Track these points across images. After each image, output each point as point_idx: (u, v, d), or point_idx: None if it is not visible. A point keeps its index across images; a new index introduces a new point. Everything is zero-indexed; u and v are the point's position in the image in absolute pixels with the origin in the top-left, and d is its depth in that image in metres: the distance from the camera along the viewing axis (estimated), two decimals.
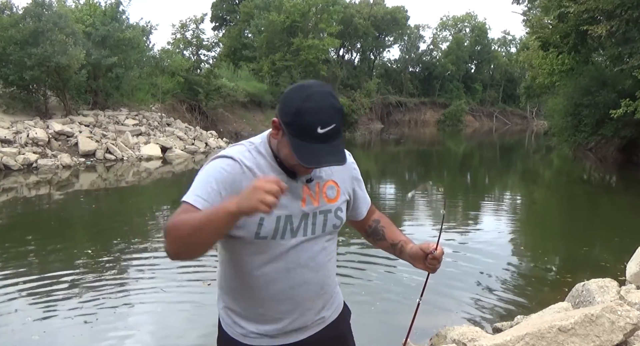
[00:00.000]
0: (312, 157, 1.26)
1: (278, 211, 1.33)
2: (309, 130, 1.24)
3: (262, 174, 1.33)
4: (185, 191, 1.34)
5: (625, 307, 2.61)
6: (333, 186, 1.46)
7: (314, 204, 1.41)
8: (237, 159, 1.34)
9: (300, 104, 1.25)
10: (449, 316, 4.11)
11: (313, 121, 1.24)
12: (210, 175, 1.33)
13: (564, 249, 6.57)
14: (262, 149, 1.38)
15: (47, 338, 3.69)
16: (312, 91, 1.26)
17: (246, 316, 1.45)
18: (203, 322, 4.08)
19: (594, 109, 15.73)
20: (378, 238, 1.63)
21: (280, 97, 1.33)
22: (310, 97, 1.25)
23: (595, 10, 12.79)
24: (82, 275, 5.05)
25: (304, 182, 1.40)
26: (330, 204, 1.44)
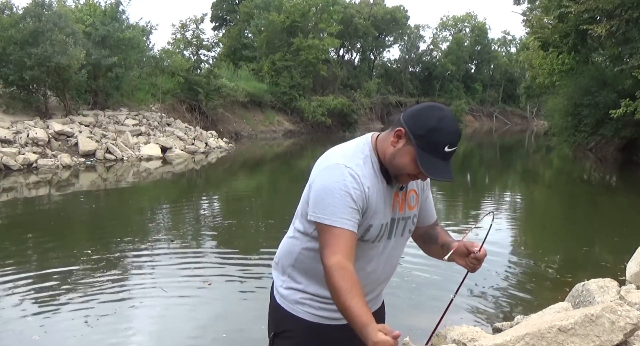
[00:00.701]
0: (435, 170, 1.40)
1: (382, 220, 1.50)
2: (438, 147, 1.39)
3: (371, 188, 1.46)
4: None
5: (625, 307, 2.61)
6: (414, 195, 1.61)
7: (400, 211, 1.56)
8: (359, 176, 1.44)
9: (436, 123, 1.39)
10: (449, 316, 4.09)
11: (444, 140, 1.39)
12: (347, 195, 1.41)
13: (563, 249, 6.57)
14: (373, 159, 1.49)
15: (48, 338, 3.69)
16: (446, 113, 1.42)
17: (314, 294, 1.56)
18: (204, 321, 4.08)
19: (594, 109, 15.73)
20: (432, 241, 1.73)
21: (409, 112, 1.45)
22: (445, 119, 1.40)
23: (595, 10, 12.79)
24: (82, 275, 5.05)
25: (397, 189, 1.54)
26: (410, 212, 1.60)
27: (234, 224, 7.74)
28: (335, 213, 1.40)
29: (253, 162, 17.59)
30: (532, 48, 22.47)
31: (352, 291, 1.33)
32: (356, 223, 1.42)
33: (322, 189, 1.44)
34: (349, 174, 1.43)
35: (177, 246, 6.22)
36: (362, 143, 1.52)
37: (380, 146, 1.49)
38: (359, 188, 1.42)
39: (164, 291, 4.63)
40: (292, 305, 1.58)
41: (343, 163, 1.45)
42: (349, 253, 1.40)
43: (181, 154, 16.16)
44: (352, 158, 1.47)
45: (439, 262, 1.74)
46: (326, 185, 1.43)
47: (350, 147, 1.52)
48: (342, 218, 1.40)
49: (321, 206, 1.42)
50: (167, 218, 8.41)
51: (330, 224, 1.40)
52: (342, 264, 1.36)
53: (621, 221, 8.23)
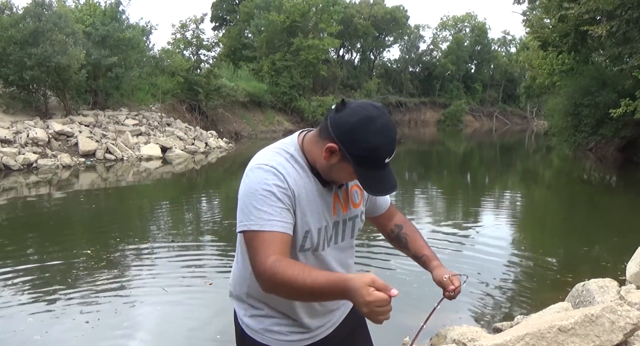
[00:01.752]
0: (379, 187, 1.30)
1: (319, 223, 1.37)
2: (379, 162, 1.27)
3: (299, 187, 1.32)
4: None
5: (625, 307, 2.61)
6: (357, 190, 1.49)
7: (344, 212, 1.44)
8: (282, 174, 1.30)
9: (376, 139, 1.24)
10: (449, 316, 4.11)
11: (384, 154, 1.27)
12: (271, 193, 1.27)
13: (563, 249, 6.57)
14: (299, 158, 1.36)
15: (48, 338, 3.69)
16: (383, 123, 1.25)
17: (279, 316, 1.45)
18: (205, 321, 4.09)
19: (594, 109, 15.73)
20: (401, 245, 1.64)
21: (341, 126, 1.26)
22: (383, 131, 1.25)
23: (596, 11, 12.79)
24: (83, 275, 5.06)
25: (336, 189, 1.41)
26: (356, 209, 1.48)
27: (233, 224, 7.70)
28: (261, 217, 1.25)
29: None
30: (532, 48, 22.47)
31: (306, 269, 1.18)
32: (288, 223, 1.27)
33: (243, 195, 1.29)
34: (271, 173, 1.29)
35: (177, 246, 6.22)
36: (287, 143, 1.38)
37: (309, 150, 1.35)
38: (283, 185, 1.28)
39: (165, 291, 4.63)
40: (261, 334, 1.45)
41: (262, 163, 1.32)
42: (282, 251, 1.24)
43: (181, 154, 16.16)
44: (272, 157, 1.33)
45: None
46: (247, 189, 1.29)
47: (271, 148, 1.38)
48: (270, 220, 1.24)
49: (245, 213, 1.27)
50: (168, 218, 8.41)
51: (258, 230, 1.24)
52: (280, 259, 1.20)
53: (621, 221, 8.24)
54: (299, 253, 1.36)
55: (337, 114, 1.28)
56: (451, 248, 6.15)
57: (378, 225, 1.67)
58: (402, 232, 1.63)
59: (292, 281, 1.17)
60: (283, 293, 1.23)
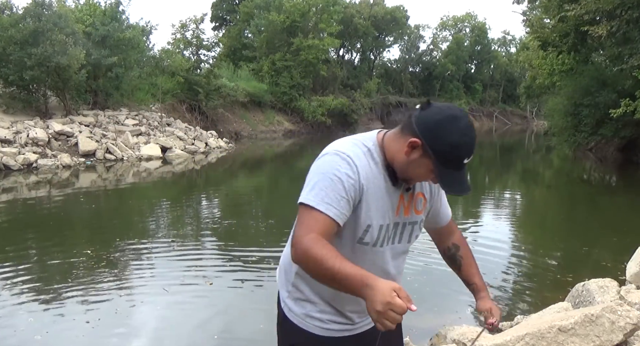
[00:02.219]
0: (456, 186, 1.34)
1: (382, 220, 1.40)
2: (458, 161, 1.31)
3: (369, 182, 1.35)
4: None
5: (625, 307, 2.61)
6: (422, 198, 1.51)
7: (405, 215, 1.46)
8: (356, 166, 1.34)
9: (459, 138, 1.29)
10: (449, 316, 4.12)
11: (465, 154, 1.31)
12: (339, 181, 1.31)
13: (564, 249, 6.57)
14: (375, 155, 1.39)
15: (49, 339, 3.69)
16: (466, 123, 1.31)
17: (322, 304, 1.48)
18: (206, 321, 4.09)
19: (594, 109, 15.74)
20: (455, 266, 1.67)
21: (427, 121, 1.30)
22: (466, 131, 1.30)
23: (596, 12, 12.79)
24: (83, 275, 5.06)
25: (403, 191, 1.44)
26: (417, 216, 1.50)
27: (234, 224, 7.75)
28: (321, 197, 1.29)
29: (253, 162, 17.59)
30: (532, 48, 22.47)
31: (338, 256, 1.21)
32: (343, 214, 1.30)
33: (314, 173, 1.34)
34: (345, 162, 1.33)
35: (177, 246, 6.22)
36: (366, 137, 1.43)
37: (388, 146, 1.39)
38: (353, 177, 1.32)
39: (166, 291, 4.64)
40: (302, 319, 1.48)
41: (340, 150, 1.36)
42: (329, 238, 1.28)
43: (181, 154, 16.17)
44: (351, 148, 1.37)
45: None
46: (318, 169, 1.34)
47: (352, 139, 1.42)
48: (328, 204, 1.28)
49: (308, 188, 1.32)
50: (168, 218, 8.41)
51: (314, 206, 1.28)
52: (319, 237, 1.24)
53: (621, 221, 8.24)
54: (357, 244, 1.39)
55: (422, 111, 1.33)
56: None
57: (436, 238, 1.68)
58: (458, 253, 1.66)
59: (321, 260, 1.20)
60: (309, 268, 1.26)
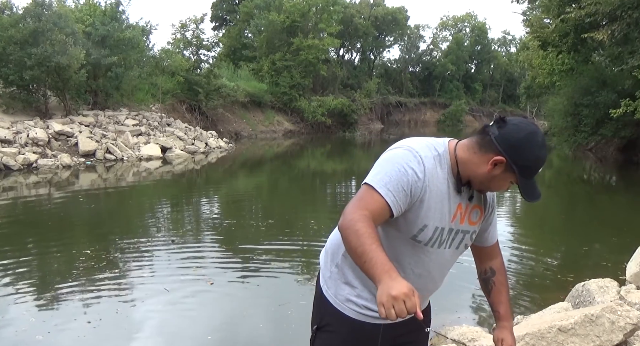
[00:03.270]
0: (535, 193, 1.42)
1: (439, 223, 1.45)
2: (536, 172, 1.41)
3: (433, 185, 1.41)
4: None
5: (625, 307, 2.61)
6: (478, 211, 1.56)
7: (460, 223, 1.51)
8: (424, 166, 1.40)
9: (539, 151, 1.39)
10: (449, 316, 4.12)
11: (542, 165, 1.41)
12: (405, 174, 1.37)
13: (564, 249, 6.57)
14: (444, 161, 1.45)
15: (51, 339, 3.70)
16: (542, 137, 1.40)
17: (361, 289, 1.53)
18: (206, 320, 4.09)
19: (594, 109, 15.75)
20: (486, 289, 1.73)
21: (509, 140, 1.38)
22: (543, 145, 1.39)
23: (596, 14, 12.77)
24: (83, 275, 5.06)
25: (463, 200, 1.50)
26: (471, 227, 1.55)
27: (234, 223, 7.75)
28: (385, 182, 1.35)
29: (253, 162, 17.59)
30: (532, 48, 22.47)
31: (377, 240, 1.27)
32: (399, 205, 1.36)
33: (384, 160, 1.42)
34: (416, 160, 1.39)
35: (178, 245, 6.22)
36: (439, 143, 1.48)
37: (461, 157, 1.45)
38: (419, 175, 1.38)
39: (167, 290, 4.64)
40: (339, 301, 1.54)
41: (414, 149, 1.42)
42: (378, 221, 1.35)
43: (181, 154, 16.16)
44: (424, 149, 1.44)
45: None
46: (389, 157, 1.42)
47: (425, 141, 1.48)
48: (389, 190, 1.35)
49: (375, 172, 1.39)
50: (168, 217, 8.41)
51: (375, 188, 1.35)
52: (371, 218, 1.31)
53: (621, 221, 8.24)
54: (410, 240, 1.45)
55: (501, 129, 1.40)
56: None
57: (477, 257, 1.74)
58: (493, 278, 1.71)
59: (362, 235, 1.26)
60: (348, 238, 1.29)
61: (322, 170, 16.55)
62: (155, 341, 3.80)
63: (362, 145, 25.75)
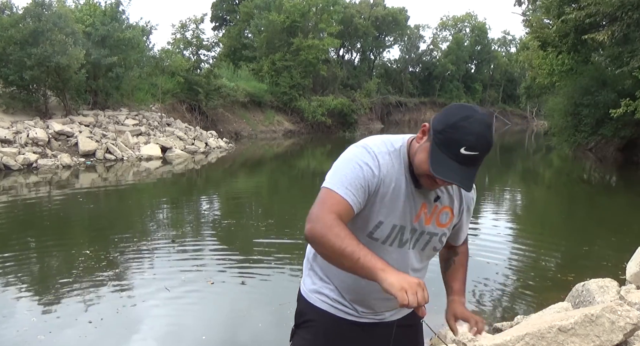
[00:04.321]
0: (440, 168, 1.28)
1: (397, 220, 1.41)
2: (454, 145, 1.27)
3: (388, 180, 1.39)
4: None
5: (625, 307, 2.62)
6: (448, 212, 1.50)
7: (425, 224, 1.46)
8: (378, 161, 1.38)
9: (459, 120, 1.28)
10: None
11: (462, 140, 1.27)
12: (360, 170, 1.36)
13: (564, 249, 6.58)
14: (401, 155, 1.42)
15: (52, 338, 3.70)
16: (477, 117, 1.29)
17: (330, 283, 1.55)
18: (207, 320, 4.09)
19: (594, 109, 15.75)
20: (445, 267, 1.72)
21: (440, 112, 1.36)
22: (470, 119, 1.28)
23: (596, 14, 12.77)
24: (84, 275, 5.06)
25: (428, 200, 1.44)
26: (440, 229, 1.49)
27: (234, 223, 7.75)
28: (342, 182, 1.34)
29: (253, 162, 17.59)
30: (532, 48, 22.47)
31: (360, 244, 1.25)
32: (359, 202, 1.35)
33: (339, 161, 1.41)
34: (370, 155, 1.38)
35: (178, 245, 6.23)
36: (397, 139, 1.46)
37: (412, 148, 1.42)
38: (374, 171, 1.36)
39: (167, 290, 4.64)
40: (312, 294, 1.56)
41: (369, 146, 1.41)
42: (344, 216, 1.32)
43: (181, 154, 16.17)
44: (379, 145, 1.42)
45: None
46: (344, 157, 1.40)
47: (381, 138, 1.47)
48: (347, 189, 1.33)
49: (332, 173, 1.38)
50: (168, 217, 8.41)
51: (334, 189, 1.34)
52: (340, 220, 1.29)
53: (621, 221, 8.24)
54: (367, 237, 1.42)
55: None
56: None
57: (444, 249, 1.68)
58: (454, 258, 1.69)
59: (343, 238, 1.25)
60: (329, 243, 1.27)
61: (322, 170, 16.55)
62: (156, 341, 3.80)
63: None
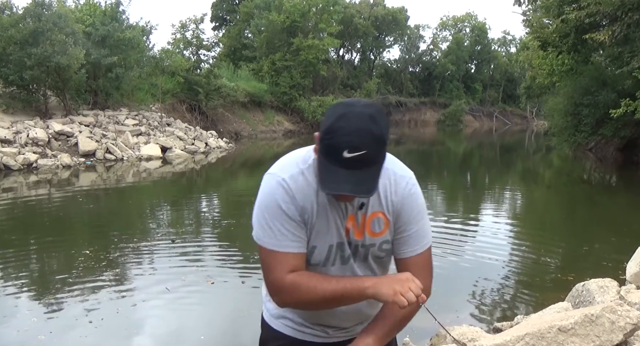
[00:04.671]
0: (328, 182, 1.15)
1: (330, 240, 1.31)
2: (334, 151, 1.13)
3: (308, 202, 1.27)
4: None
5: (625, 307, 2.62)
6: (380, 218, 1.32)
7: (357, 237, 1.33)
8: (292, 190, 1.26)
9: (334, 121, 1.14)
10: (449, 316, 4.12)
11: (341, 142, 1.12)
12: (281, 213, 1.25)
13: (564, 249, 6.58)
14: (312, 171, 1.28)
15: (53, 338, 3.70)
16: (354, 111, 1.14)
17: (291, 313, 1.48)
18: (208, 320, 4.10)
19: (594, 109, 15.75)
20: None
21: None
22: (345, 117, 1.13)
23: (597, 14, 12.76)
24: (85, 275, 5.06)
25: (353, 211, 1.30)
26: (375, 238, 1.34)
27: (234, 223, 7.75)
28: (273, 234, 1.25)
29: (253, 163, 17.59)
30: (532, 48, 22.47)
31: (333, 279, 1.23)
32: (301, 239, 1.26)
33: (258, 205, 1.29)
34: (281, 187, 1.25)
35: (178, 245, 6.23)
36: (307, 153, 1.31)
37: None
38: (291, 202, 1.25)
39: (167, 290, 4.64)
40: (275, 319, 1.48)
41: (276, 173, 1.28)
42: (298, 268, 1.26)
43: (181, 154, 16.17)
44: (288, 168, 1.28)
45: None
46: (260, 200, 1.28)
47: (292, 156, 1.33)
48: (283, 241, 1.25)
49: (260, 225, 1.27)
50: (168, 217, 8.42)
51: (270, 248, 1.26)
52: (295, 277, 1.24)
53: (621, 221, 8.24)
54: (309, 266, 1.33)
55: None
56: (451, 248, 6.16)
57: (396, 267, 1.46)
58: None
59: (314, 287, 1.22)
60: (304, 306, 1.26)
61: None
62: (157, 341, 3.81)
63: None
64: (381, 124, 1.15)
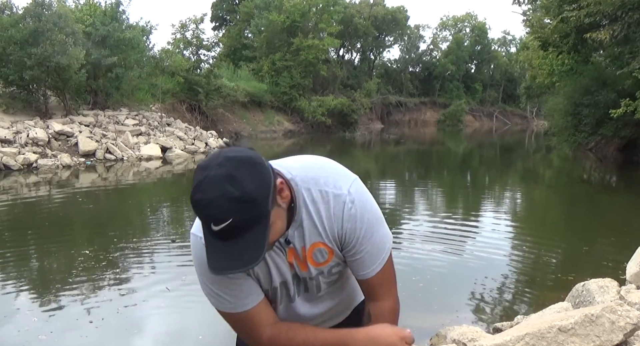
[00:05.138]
0: (212, 261, 1.04)
1: (274, 282, 1.25)
2: (205, 226, 1.02)
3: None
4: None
5: (625, 307, 2.62)
6: (322, 248, 1.23)
7: (303, 271, 1.25)
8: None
9: (193, 193, 1.00)
10: (449, 316, 4.12)
11: (204, 217, 1.01)
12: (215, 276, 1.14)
13: (564, 249, 6.58)
14: None
15: (54, 338, 3.71)
16: (206, 175, 0.99)
17: None
18: (208, 320, 4.09)
19: (594, 109, 15.74)
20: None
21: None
22: (201, 186, 0.99)
23: (597, 14, 12.76)
24: (85, 275, 5.07)
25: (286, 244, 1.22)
26: (321, 267, 1.26)
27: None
28: (226, 300, 1.19)
29: None
30: (532, 48, 22.48)
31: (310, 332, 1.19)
32: (253, 289, 1.20)
33: (196, 271, 1.22)
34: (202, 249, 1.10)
35: (178, 245, 6.23)
36: None
37: None
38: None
39: (168, 290, 4.65)
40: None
41: (195, 233, 1.19)
42: (269, 318, 1.22)
43: (181, 154, 16.17)
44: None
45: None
46: (195, 266, 1.20)
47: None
48: (238, 301, 1.18)
49: (206, 295, 1.22)
50: (168, 217, 8.42)
51: (229, 311, 1.21)
52: (275, 331, 1.20)
53: (621, 221, 8.24)
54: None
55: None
56: (451, 248, 6.16)
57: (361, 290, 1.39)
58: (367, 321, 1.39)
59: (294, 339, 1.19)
60: None
61: None
62: (158, 341, 3.81)
63: (362, 145, 25.75)
64: (242, 182, 0.99)
